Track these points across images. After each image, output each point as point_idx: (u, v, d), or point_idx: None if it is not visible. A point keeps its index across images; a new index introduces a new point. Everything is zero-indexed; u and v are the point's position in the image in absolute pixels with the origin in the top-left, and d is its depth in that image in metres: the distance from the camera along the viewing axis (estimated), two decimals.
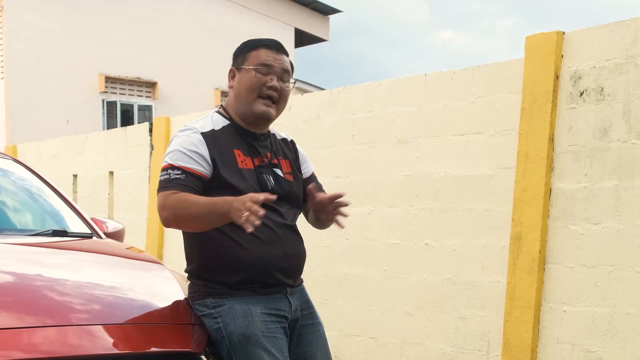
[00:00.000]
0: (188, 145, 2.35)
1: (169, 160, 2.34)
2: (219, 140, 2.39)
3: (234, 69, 2.48)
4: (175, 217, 2.27)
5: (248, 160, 2.42)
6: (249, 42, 2.50)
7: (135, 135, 7.32)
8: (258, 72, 2.41)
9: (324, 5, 18.09)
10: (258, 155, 2.45)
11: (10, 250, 2.78)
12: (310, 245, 5.53)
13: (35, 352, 2.00)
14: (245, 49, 2.47)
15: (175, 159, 2.33)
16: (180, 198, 2.25)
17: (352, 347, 5.00)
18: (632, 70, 3.69)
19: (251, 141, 2.46)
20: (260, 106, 2.42)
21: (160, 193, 2.31)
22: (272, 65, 2.42)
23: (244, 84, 2.42)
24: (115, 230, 3.56)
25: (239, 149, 2.42)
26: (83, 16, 14.88)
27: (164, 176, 2.33)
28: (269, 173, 2.45)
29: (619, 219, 3.71)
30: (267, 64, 2.42)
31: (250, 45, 2.47)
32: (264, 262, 2.36)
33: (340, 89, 5.19)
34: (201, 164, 2.33)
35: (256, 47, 2.45)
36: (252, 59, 2.43)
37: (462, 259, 4.39)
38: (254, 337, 2.30)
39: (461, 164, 4.42)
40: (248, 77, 2.42)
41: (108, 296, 2.41)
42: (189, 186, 2.29)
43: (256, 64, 2.42)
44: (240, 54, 2.48)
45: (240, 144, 2.43)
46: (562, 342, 3.91)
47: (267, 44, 2.46)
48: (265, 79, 2.41)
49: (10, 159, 3.79)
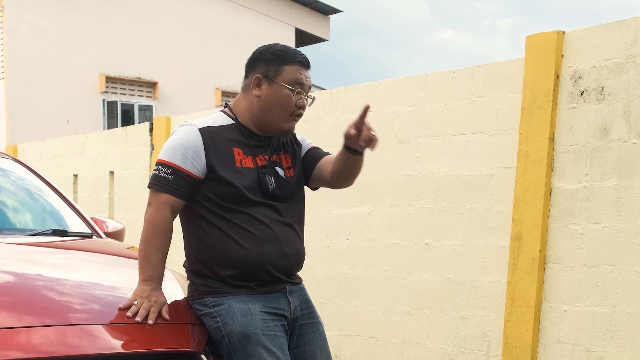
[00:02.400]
0: (184, 141, 2.36)
1: (161, 156, 2.38)
2: (218, 137, 2.39)
3: (262, 78, 2.40)
4: (144, 230, 2.37)
5: (248, 159, 2.42)
6: (282, 53, 2.41)
7: (135, 135, 7.32)
8: (293, 92, 2.38)
9: (325, 5, 18.08)
10: (259, 154, 2.45)
11: (11, 249, 2.78)
12: (311, 245, 5.54)
13: (34, 352, 2.00)
14: (278, 61, 2.39)
15: (167, 156, 2.36)
16: (155, 230, 2.34)
17: (353, 347, 4.99)
18: (632, 70, 3.68)
19: (253, 141, 2.45)
20: (290, 123, 2.44)
21: (149, 189, 2.39)
22: (304, 85, 2.41)
23: (277, 100, 2.39)
24: (115, 230, 3.57)
25: (239, 148, 2.42)
26: (83, 16, 14.88)
27: (155, 171, 2.38)
28: (271, 174, 2.44)
29: (620, 219, 3.71)
30: (301, 82, 2.40)
31: (284, 58, 2.39)
32: (260, 259, 2.36)
33: (340, 89, 5.19)
34: (192, 162, 2.34)
35: (290, 62, 2.39)
36: (287, 75, 2.38)
37: (463, 258, 4.39)
38: (254, 336, 2.30)
39: (461, 164, 4.42)
40: (282, 95, 2.38)
41: (108, 296, 2.41)
42: (173, 188, 2.34)
43: (292, 82, 2.38)
44: (271, 63, 2.40)
45: (241, 142, 2.43)
46: (562, 342, 3.91)
47: (302, 61, 2.41)
48: (297, 98, 2.40)
49: (11, 159, 3.79)
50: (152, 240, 2.34)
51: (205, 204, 2.38)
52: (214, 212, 2.37)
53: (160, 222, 2.34)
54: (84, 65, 14.87)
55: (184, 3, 16.16)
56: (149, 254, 2.34)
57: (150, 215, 2.35)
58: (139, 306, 2.23)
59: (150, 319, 2.22)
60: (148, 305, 2.25)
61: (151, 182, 2.37)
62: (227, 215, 2.36)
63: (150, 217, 2.35)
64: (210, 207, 2.37)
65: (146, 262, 2.34)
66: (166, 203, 2.34)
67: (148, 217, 2.36)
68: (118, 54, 15.21)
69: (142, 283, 2.32)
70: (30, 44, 14.26)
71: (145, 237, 2.35)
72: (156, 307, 2.26)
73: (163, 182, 2.34)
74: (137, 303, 2.25)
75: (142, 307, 2.23)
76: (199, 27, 16.22)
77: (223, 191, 2.35)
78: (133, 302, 2.25)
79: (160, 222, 2.34)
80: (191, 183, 2.35)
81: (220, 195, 2.36)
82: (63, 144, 8.43)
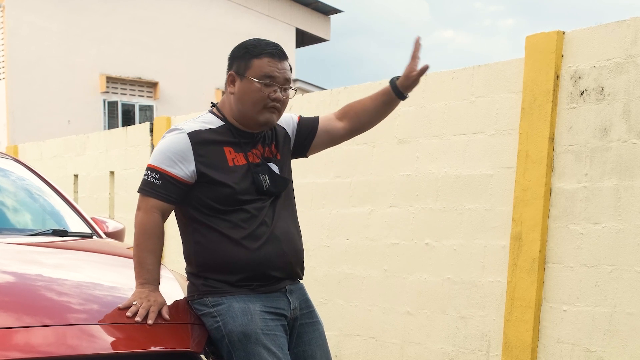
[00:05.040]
0: (172, 146, 2.36)
1: (150, 161, 2.39)
2: (207, 141, 2.38)
3: (234, 75, 2.42)
4: (135, 234, 2.37)
5: (240, 156, 2.41)
6: (251, 47, 2.40)
7: (136, 135, 7.32)
8: (263, 85, 2.38)
9: (325, 5, 18.09)
10: (250, 150, 2.44)
11: (11, 250, 2.78)
12: (311, 245, 5.54)
13: (33, 352, 2.00)
14: (247, 55, 2.39)
15: (156, 160, 2.37)
16: (145, 234, 2.34)
17: (353, 347, 5.00)
18: (632, 70, 3.68)
19: (243, 139, 2.45)
20: (265, 115, 2.41)
21: (139, 193, 2.39)
22: (275, 77, 2.39)
23: (248, 95, 2.39)
24: (115, 230, 3.57)
25: (230, 147, 2.41)
26: (84, 16, 14.89)
27: (144, 176, 2.39)
28: (265, 172, 2.44)
29: (619, 219, 3.71)
30: (271, 75, 2.38)
31: (253, 52, 2.39)
32: (260, 259, 2.36)
33: (340, 89, 5.19)
34: (181, 167, 2.34)
35: (259, 55, 2.38)
36: (256, 69, 2.38)
37: (463, 258, 4.39)
38: (254, 335, 2.30)
39: (461, 164, 4.42)
40: (252, 89, 2.38)
41: (108, 296, 2.41)
42: (162, 193, 2.34)
43: (260, 76, 2.37)
44: (241, 58, 2.41)
45: (232, 141, 2.42)
46: (562, 342, 3.91)
47: (271, 52, 2.39)
48: (269, 91, 2.38)
49: (11, 159, 3.79)
50: (144, 245, 2.35)
51: (202, 208, 2.38)
52: (210, 215, 2.37)
53: (150, 226, 2.34)
54: (84, 66, 14.88)
55: (185, 3, 16.17)
56: (142, 259, 2.34)
57: (140, 219, 2.36)
58: (138, 306, 2.24)
59: (150, 319, 2.22)
60: (148, 305, 2.25)
61: (140, 187, 2.38)
62: (225, 217, 2.36)
63: (140, 221, 2.36)
64: (207, 211, 2.37)
65: (141, 266, 2.34)
66: (155, 207, 2.35)
67: (138, 221, 2.37)
68: (118, 54, 15.22)
69: (139, 287, 2.32)
70: (31, 44, 14.27)
71: (137, 241, 2.36)
72: (156, 307, 2.26)
73: (151, 187, 2.35)
74: (137, 303, 2.25)
75: (142, 307, 2.24)
76: (199, 27, 16.23)
77: (218, 193, 2.35)
78: (132, 303, 2.26)
79: (150, 225, 2.34)
80: (180, 187, 2.35)
81: (215, 198, 2.36)
82: (63, 144, 8.44)
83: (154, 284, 2.33)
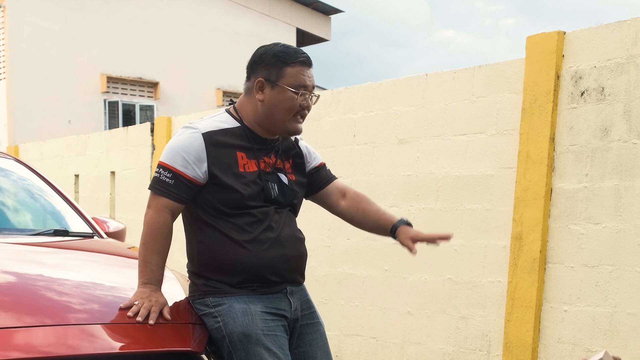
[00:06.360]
0: (186, 145, 2.34)
1: (162, 158, 2.37)
2: (221, 143, 2.37)
3: (264, 82, 2.37)
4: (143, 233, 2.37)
5: (251, 163, 2.40)
6: (282, 55, 2.37)
7: (136, 135, 7.33)
8: (298, 95, 2.36)
9: (326, 5, 18.09)
10: (262, 157, 2.43)
11: (12, 249, 2.78)
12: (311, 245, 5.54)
13: (34, 352, 2.00)
14: (280, 63, 2.36)
15: (169, 159, 2.35)
16: (153, 233, 2.34)
17: (353, 347, 5.00)
18: (632, 70, 3.69)
19: (257, 145, 2.43)
20: (294, 124, 2.41)
21: (150, 192, 2.38)
22: (307, 86, 2.38)
23: (281, 104, 2.36)
24: (116, 230, 3.57)
25: (243, 152, 2.40)
26: (85, 16, 14.90)
27: (156, 174, 2.37)
28: (275, 180, 2.43)
29: (620, 219, 3.71)
30: (305, 84, 2.37)
31: (286, 60, 2.36)
32: (263, 262, 2.37)
33: (341, 89, 5.19)
34: (194, 167, 2.33)
35: (292, 64, 2.36)
36: (289, 77, 2.35)
37: (463, 258, 4.40)
38: (255, 336, 2.30)
39: (462, 164, 4.42)
40: (285, 98, 2.36)
41: (109, 296, 2.41)
42: (174, 193, 2.33)
43: (295, 85, 2.35)
44: (273, 66, 2.36)
45: (246, 146, 2.41)
46: (562, 342, 3.92)
47: (303, 61, 2.38)
48: (301, 100, 2.38)
49: (12, 159, 3.79)
50: (150, 244, 2.34)
51: (209, 209, 2.38)
52: (216, 217, 2.37)
53: (159, 226, 2.34)
54: (85, 66, 14.89)
55: (185, 3, 16.18)
56: (147, 258, 2.34)
57: (150, 218, 2.35)
58: (139, 306, 2.24)
59: (151, 319, 2.22)
60: (149, 305, 2.25)
61: (152, 185, 2.37)
62: (231, 219, 2.36)
63: (150, 219, 2.35)
64: (213, 213, 2.37)
65: (145, 266, 2.34)
66: (166, 207, 2.34)
67: (147, 220, 2.36)
68: (119, 54, 15.22)
69: (141, 286, 2.32)
70: (32, 44, 14.28)
71: (145, 240, 2.35)
72: (157, 307, 2.26)
73: (163, 186, 2.34)
74: (138, 303, 2.25)
75: (143, 307, 2.24)
76: (200, 27, 16.24)
77: (226, 197, 2.35)
78: (134, 303, 2.26)
79: (159, 225, 2.34)
80: (192, 188, 2.34)
81: (223, 201, 2.35)
82: (64, 144, 8.44)
83: (156, 284, 2.33)
